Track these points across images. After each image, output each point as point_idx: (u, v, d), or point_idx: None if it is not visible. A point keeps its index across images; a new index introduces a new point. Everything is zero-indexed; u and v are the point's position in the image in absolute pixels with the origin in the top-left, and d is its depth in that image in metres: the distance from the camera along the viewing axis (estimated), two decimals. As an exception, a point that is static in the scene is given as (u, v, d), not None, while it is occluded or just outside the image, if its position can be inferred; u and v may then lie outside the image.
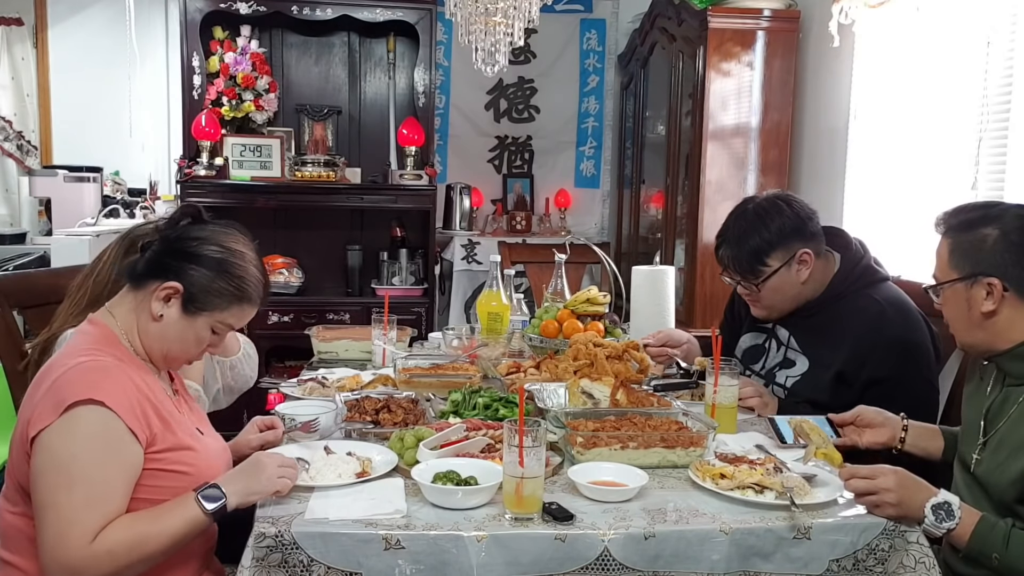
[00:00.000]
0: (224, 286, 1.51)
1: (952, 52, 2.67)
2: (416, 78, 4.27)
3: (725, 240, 2.16)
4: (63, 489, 1.33)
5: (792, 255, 2.08)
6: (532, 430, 1.39)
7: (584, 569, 1.37)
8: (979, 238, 1.60)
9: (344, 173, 4.14)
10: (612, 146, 5.24)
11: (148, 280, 1.51)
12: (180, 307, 1.50)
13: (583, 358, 2.18)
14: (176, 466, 1.46)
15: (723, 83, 3.48)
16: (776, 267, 2.09)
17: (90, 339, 1.49)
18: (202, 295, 1.50)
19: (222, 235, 1.55)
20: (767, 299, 2.15)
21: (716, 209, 3.52)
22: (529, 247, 4.24)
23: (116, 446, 1.38)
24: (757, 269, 2.10)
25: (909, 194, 2.87)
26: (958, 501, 1.47)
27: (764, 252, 2.08)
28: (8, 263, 4.09)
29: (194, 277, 1.50)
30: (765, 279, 2.10)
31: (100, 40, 4.91)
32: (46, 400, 1.38)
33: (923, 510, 1.45)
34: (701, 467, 1.60)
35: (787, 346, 2.19)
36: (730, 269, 2.15)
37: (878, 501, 1.46)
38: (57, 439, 1.35)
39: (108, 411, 1.37)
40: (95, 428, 1.36)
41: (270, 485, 1.43)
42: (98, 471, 1.35)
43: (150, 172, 4.92)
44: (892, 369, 1.96)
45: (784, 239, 2.08)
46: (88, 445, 1.35)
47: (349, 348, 2.57)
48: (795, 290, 2.12)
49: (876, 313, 2.04)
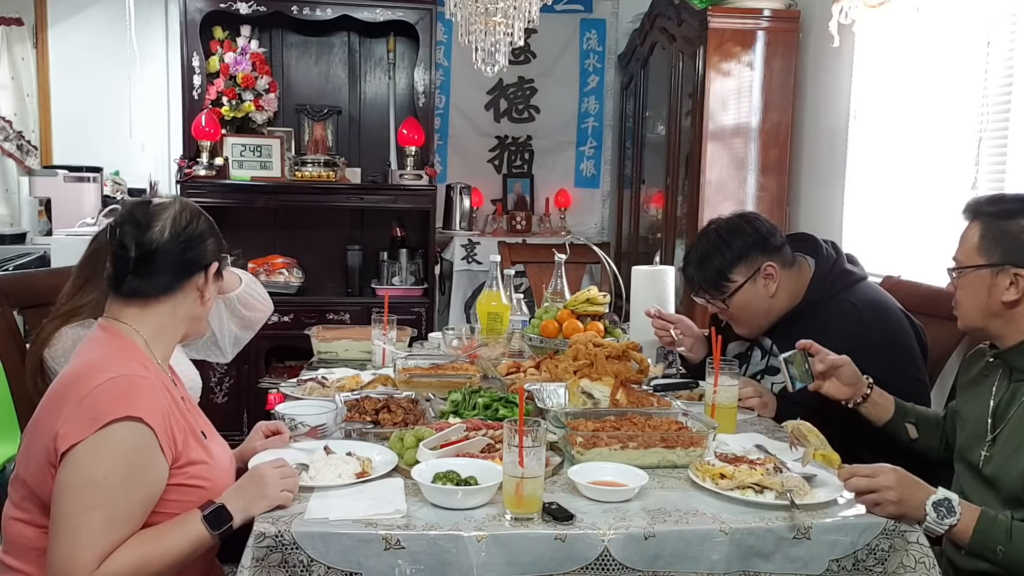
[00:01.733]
0: (218, 239, 1.62)
1: (952, 52, 2.67)
2: (416, 78, 4.27)
3: (690, 261, 2.21)
4: (85, 509, 1.33)
5: (756, 269, 2.12)
6: (532, 430, 1.39)
7: (584, 569, 1.37)
8: (1017, 228, 1.62)
9: (344, 173, 4.13)
10: (612, 146, 5.24)
11: (179, 282, 1.54)
12: (217, 277, 1.61)
13: (583, 358, 2.18)
14: (195, 480, 1.47)
15: (723, 83, 3.48)
16: (741, 282, 2.13)
17: (111, 350, 1.48)
18: (219, 257, 1.61)
19: (189, 207, 1.59)
20: (739, 315, 2.18)
21: (716, 209, 3.51)
22: (529, 247, 4.24)
23: (146, 466, 1.38)
24: (722, 285, 2.14)
25: (909, 194, 2.87)
26: (957, 497, 1.48)
27: (727, 268, 2.13)
28: (8, 263, 4.09)
29: (215, 247, 1.59)
30: (731, 294, 2.14)
31: (100, 40, 4.91)
32: (80, 414, 1.35)
33: (923, 508, 1.46)
34: (701, 467, 1.60)
35: (770, 353, 2.20)
36: (698, 288, 2.20)
37: (879, 499, 1.46)
38: (90, 457, 1.34)
39: (145, 427, 1.37)
40: (129, 446, 1.36)
41: (273, 499, 1.43)
42: (123, 494, 1.35)
43: (150, 172, 4.91)
44: (879, 370, 1.96)
45: (745, 254, 2.13)
46: (119, 466, 1.35)
47: (349, 348, 2.58)
48: (765, 304, 2.14)
49: (854, 319, 2.05)
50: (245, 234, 4.09)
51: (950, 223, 2.65)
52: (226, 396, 4.01)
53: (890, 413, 1.89)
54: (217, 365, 3.95)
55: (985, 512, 1.48)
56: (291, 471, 1.50)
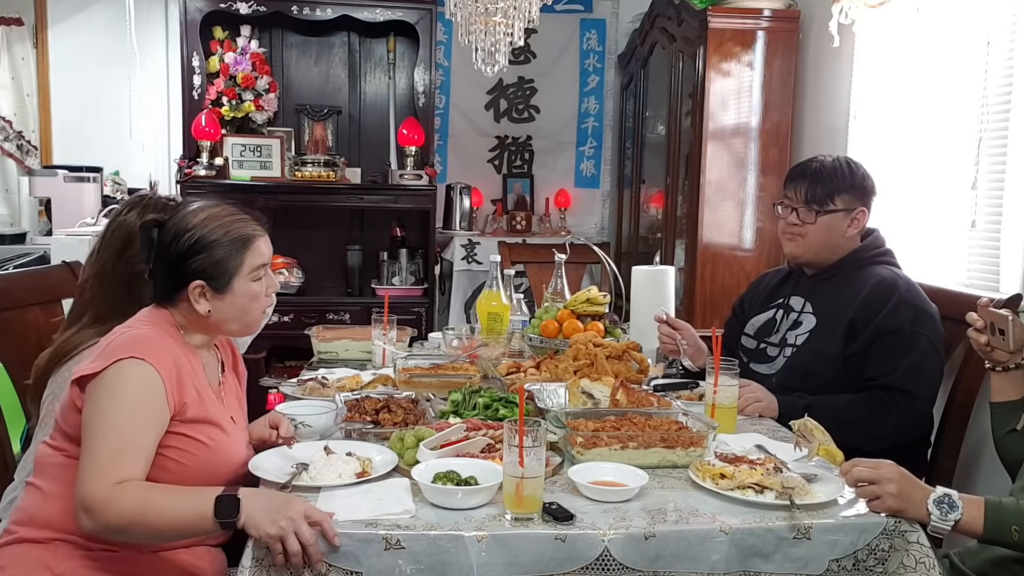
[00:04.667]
0: (224, 252, 1.60)
1: (952, 52, 2.67)
2: (416, 78, 4.28)
3: (803, 174, 2.25)
4: (100, 436, 1.45)
5: (854, 207, 2.21)
6: (532, 430, 1.39)
7: (584, 569, 1.37)
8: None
9: (344, 173, 4.14)
10: (612, 146, 5.24)
11: (174, 294, 1.61)
12: (213, 293, 1.60)
13: (583, 358, 2.18)
14: (200, 436, 1.54)
15: (723, 83, 3.48)
16: (839, 208, 2.20)
17: (147, 322, 1.60)
18: (218, 272, 1.59)
19: (186, 218, 1.61)
20: (813, 234, 2.22)
21: (716, 209, 3.52)
22: (529, 247, 4.23)
23: (151, 404, 1.48)
24: (826, 202, 2.20)
25: (909, 194, 2.87)
26: (957, 492, 1.48)
27: (839, 191, 2.20)
28: (8, 263, 4.10)
29: (198, 267, 1.58)
30: (826, 212, 2.20)
31: (100, 40, 4.91)
32: (97, 354, 1.51)
33: (924, 507, 1.46)
34: (701, 467, 1.60)
35: (800, 312, 2.26)
36: (798, 196, 2.23)
37: (879, 492, 1.46)
38: (103, 390, 1.47)
39: (151, 368, 1.48)
40: (135, 381, 1.47)
41: (282, 530, 1.33)
42: (130, 426, 1.45)
43: (150, 172, 4.91)
44: (903, 323, 2.04)
45: (856, 191, 2.21)
46: (128, 399, 1.46)
47: (349, 348, 2.58)
48: (838, 239, 2.22)
49: (892, 279, 2.14)
50: (245, 234, 4.08)
51: (950, 223, 2.67)
52: (226, 396, 4.01)
53: (1020, 394, 1.80)
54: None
55: (990, 500, 1.49)
56: (322, 516, 1.36)
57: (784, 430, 1.96)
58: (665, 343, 2.38)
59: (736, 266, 3.52)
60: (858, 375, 2.08)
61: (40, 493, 1.56)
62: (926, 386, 2.04)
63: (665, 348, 2.39)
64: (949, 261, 2.66)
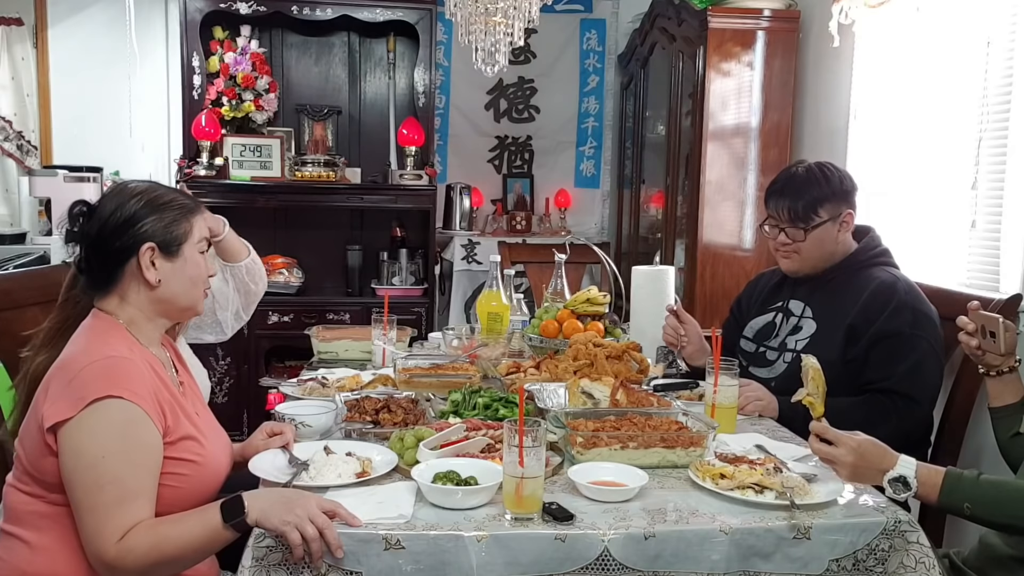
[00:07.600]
0: (172, 215, 1.57)
1: (952, 52, 2.67)
2: (416, 78, 4.28)
3: (781, 192, 2.24)
4: (95, 490, 1.38)
5: (840, 213, 2.20)
6: (532, 430, 1.39)
7: (584, 569, 1.37)
8: None
9: (344, 173, 4.14)
10: (612, 146, 5.24)
11: (117, 271, 1.55)
12: (164, 258, 1.56)
13: (583, 358, 2.18)
14: (185, 455, 1.50)
15: (723, 83, 3.48)
16: (826, 219, 2.19)
17: (96, 334, 1.52)
18: (167, 235, 1.56)
19: (123, 192, 1.58)
20: (806, 250, 2.22)
21: (716, 209, 3.52)
22: (529, 247, 4.24)
23: (140, 438, 1.42)
24: (810, 217, 2.19)
25: (909, 194, 2.87)
26: (914, 471, 1.50)
27: (820, 203, 2.19)
28: (8, 263, 4.10)
29: (148, 230, 1.54)
30: (814, 227, 2.19)
31: (100, 40, 4.90)
32: (65, 394, 1.41)
33: (880, 480, 1.51)
34: (701, 467, 1.60)
35: (800, 316, 2.25)
36: (782, 216, 2.23)
37: (835, 467, 1.54)
38: (83, 437, 1.39)
39: (130, 404, 1.41)
40: (117, 421, 1.40)
41: (297, 520, 1.32)
42: (127, 468, 1.39)
43: (150, 172, 4.91)
44: (902, 326, 2.05)
45: (836, 196, 2.20)
46: (114, 441, 1.39)
47: (349, 348, 2.58)
48: (831, 247, 2.22)
49: (891, 281, 2.14)
50: (245, 234, 4.05)
51: (950, 223, 2.67)
52: (226, 396, 4.01)
53: (1017, 397, 1.81)
54: (217, 365, 3.95)
55: (951, 472, 1.51)
56: (334, 505, 1.38)
57: (784, 430, 1.97)
58: (667, 334, 2.39)
59: (736, 266, 3.52)
60: (858, 379, 2.08)
61: (26, 547, 1.47)
62: (926, 389, 2.05)
63: (666, 337, 2.40)
64: (949, 261, 2.66)
